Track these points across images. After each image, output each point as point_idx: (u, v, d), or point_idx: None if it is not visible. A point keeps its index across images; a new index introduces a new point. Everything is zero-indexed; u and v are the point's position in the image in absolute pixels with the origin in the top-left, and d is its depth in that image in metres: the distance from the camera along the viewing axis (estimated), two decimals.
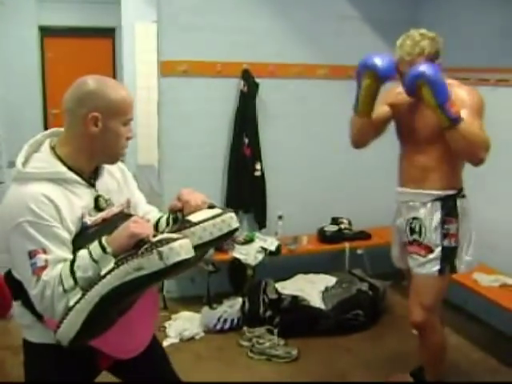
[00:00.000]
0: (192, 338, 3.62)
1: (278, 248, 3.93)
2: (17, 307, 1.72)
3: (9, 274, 1.67)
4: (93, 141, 1.65)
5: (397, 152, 2.88)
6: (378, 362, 3.41)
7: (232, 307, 3.74)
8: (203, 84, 4.01)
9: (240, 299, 3.77)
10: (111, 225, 1.63)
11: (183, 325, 3.68)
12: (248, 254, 3.75)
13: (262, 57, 4.10)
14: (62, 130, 1.72)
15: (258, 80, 4.04)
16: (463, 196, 2.70)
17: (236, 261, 3.77)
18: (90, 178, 1.72)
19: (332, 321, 3.66)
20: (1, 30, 6.26)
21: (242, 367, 3.35)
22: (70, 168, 1.65)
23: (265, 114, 4.11)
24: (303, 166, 4.32)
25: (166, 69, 3.95)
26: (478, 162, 2.46)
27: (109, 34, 7.79)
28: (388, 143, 4.56)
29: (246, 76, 4.01)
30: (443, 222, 2.62)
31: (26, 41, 6.64)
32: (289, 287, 3.85)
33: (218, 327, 3.69)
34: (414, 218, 2.70)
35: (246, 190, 4.06)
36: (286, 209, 4.14)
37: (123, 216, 1.74)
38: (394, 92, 2.78)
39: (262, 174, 4.10)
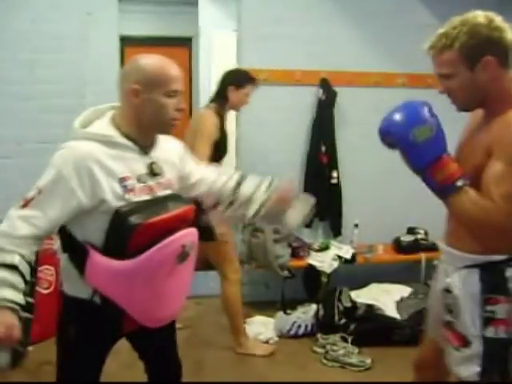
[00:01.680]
0: (266, 342, 3.67)
1: (354, 256, 3.93)
2: (63, 260, 1.82)
3: (62, 228, 1.75)
4: (138, 112, 1.75)
5: None
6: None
7: (306, 313, 3.76)
8: (282, 92, 4.09)
9: (314, 306, 3.79)
10: (160, 204, 1.75)
11: (257, 329, 3.74)
12: (323, 262, 3.77)
13: (341, 65, 4.13)
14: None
15: (336, 88, 4.07)
16: None
17: (311, 268, 3.80)
18: (146, 147, 1.82)
19: (407, 331, 3.61)
20: (87, 40, 6.53)
21: (316, 373, 3.36)
22: (126, 136, 1.76)
23: (342, 122, 4.14)
24: (380, 174, 4.31)
25: None
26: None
27: (186, 43, 7.98)
28: None
29: (324, 84, 4.05)
30: (484, 300, 1.73)
31: (109, 50, 6.88)
32: (363, 296, 3.85)
33: (292, 332, 3.72)
34: (447, 291, 1.84)
35: (322, 197, 4.06)
36: (361, 217, 4.13)
37: (173, 196, 1.85)
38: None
39: (339, 182, 4.12)
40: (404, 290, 3.92)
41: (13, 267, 1.62)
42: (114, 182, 1.69)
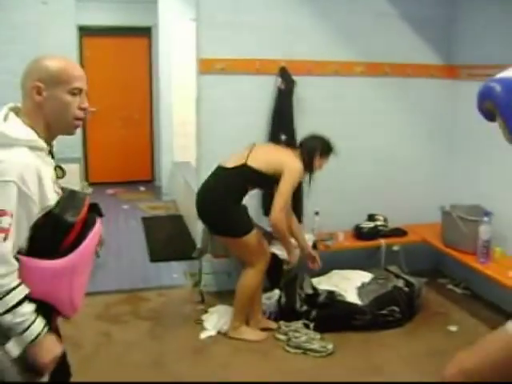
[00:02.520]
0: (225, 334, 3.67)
1: (315, 244, 3.96)
2: None
3: None
4: (42, 110, 1.72)
5: (435, 150, 2.80)
6: (414, 358, 3.42)
7: (269, 300, 3.79)
8: (241, 81, 4.08)
9: (277, 292, 3.83)
10: (75, 199, 1.78)
11: (220, 318, 3.75)
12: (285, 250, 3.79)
13: (300, 54, 4.14)
14: (19, 105, 1.78)
15: (295, 77, 4.08)
16: None
17: (273, 256, 3.81)
18: (49, 148, 1.80)
19: (368, 316, 3.68)
20: (43, 30, 6.41)
21: (279, 360, 3.40)
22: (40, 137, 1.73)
23: (302, 111, 4.15)
24: (340, 162, 4.32)
25: (205, 66, 4.02)
26: None
27: (145, 32, 7.90)
28: (425, 141, 4.59)
29: (284, 73, 4.06)
30: None
31: (66, 40, 6.78)
32: (325, 282, 3.90)
33: None
34: None
35: None
36: (322, 205, 4.16)
37: (71, 190, 1.85)
38: None
39: None
40: (365, 276, 3.99)
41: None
42: (50, 186, 1.70)
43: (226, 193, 3.40)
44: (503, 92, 1.51)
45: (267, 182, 3.44)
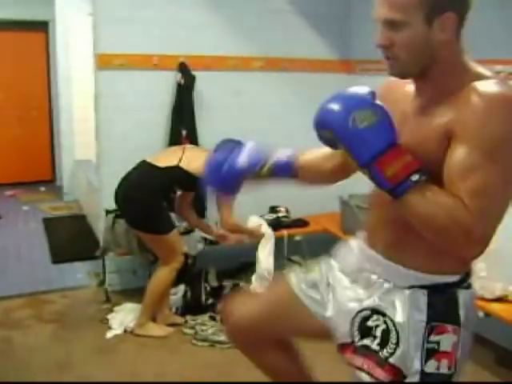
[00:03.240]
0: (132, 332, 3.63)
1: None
2: None
3: None
4: None
5: None
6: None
7: (176, 295, 3.79)
8: (140, 77, 4.04)
9: (182, 287, 3.84)
10: None
11: (126, 316, 3.71)
12: (188, 244, 3.80)
13: (198, 49, 4.16)
14: None
15: (194, 73, 4.10)
16: (469, 286, 1.53)
17: None
18: None
19: None
20: None
21: (186, 354, 3.41)
22: None
23: (202, 106, 4.18)
24: None
25: (102, 62, 3.95)
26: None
27: (42, 27, 7.63)
28: None
29: (183, 69, 4.06)
30: (430, 329, 1.44)
31: None
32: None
33: None
34: (375, 311, 1.52)
35: None
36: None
37: None
38: (392, 87, 1.61)
39: None
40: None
41: None
42: None
43: (154, 191, 3.42)
44: (340, 119, 1.36)
45: (197, 185, 3.49)
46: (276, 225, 4.30)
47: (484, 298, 3.04)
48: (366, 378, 1.49)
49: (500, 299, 3.06)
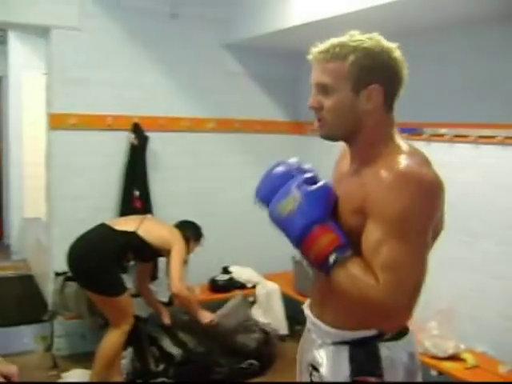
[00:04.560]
0: None
1: (170, 299, 3.94)
2: None
3: None
4: None
5: None
6: None
7: (124, 358, 3.66)
8: (93, 137, 4.03)
9: (131, 350, 3.72)
10: None
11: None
12: (139, 306, 3.73)
13: (152, 111, 4.20)
14: None
15: (148, 133, 4.12)
16: (397, 337, 1.53)
17: None
18: None
19: (225, 369, 3.70)
20: None
21: None
22: None
23: (155, 166, 4.19)
24: (194, 217, 4.39)
25: (55, 121, 3.94)
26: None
27: None
28: None
29: (136, 129, 4.08)
30: (353, 382, 1.50)
31: None
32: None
33: None
34: (312, 367, 1.62)
35: None
36: None
37: None
38: (346, 149, 1.65)
39: None
40: None
41: None
42: None
43: (108, 253, 3.38)
44: (269, 210, 1.54)
45: (150, 254, 3.59)
46: (229, 286, 4.28)
47: (436, 357, 3.07)
48: None
49: (452, 357, 3.09)
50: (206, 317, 3.71)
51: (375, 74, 1.44)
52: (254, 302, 4.28)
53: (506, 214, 3.11)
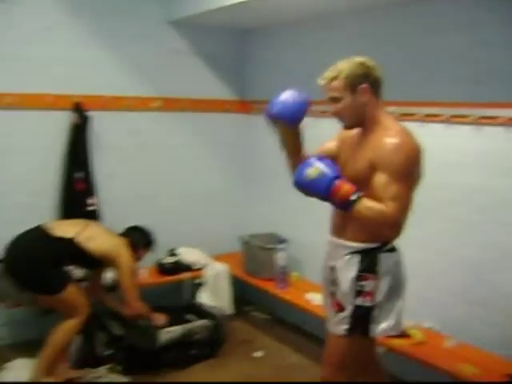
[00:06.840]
0: None
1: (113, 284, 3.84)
2: None
3: None
4: None
5: (232, 181, 2.87)
6: None
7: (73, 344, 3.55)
8: (31, 117, 3.85)
9: (78, 337, 3.60)
10: None
11: (19, 372, 3.42)
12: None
13: (94, 89, 4.04)
14: None
15: (90, 113, 3.97)
16: (390, 250, 2.37)
17: None
18: None
19: (173, 354, 3.65)
20: None
21: None
22: None
23: (98, 147, 4.04)
24: (139, 198, 4.31)
25: None
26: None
27: None
28: (222, 173, 4.76)
29: (78, 109, 3.92)
30: (358, 278, 2.33)
31: None
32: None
33: None
34: (332, 269, 2.47)
35: None
36: None
37: None
38: (346, 132, 2.48)
39: (95, 209, 3.99)
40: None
41: None
42: None
43: (43, 261, 3.20)
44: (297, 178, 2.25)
45: (90, 263, 3.42)
46: (176, 268, 4.22)
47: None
48: (331, 312, 2.49)
49: (400, 334, 3.13)
50: (160, 319, 3.68)
51: (361, 78, 2.25)
52: (200, 284, 4.22)
53: (448, 191, 3.18)
